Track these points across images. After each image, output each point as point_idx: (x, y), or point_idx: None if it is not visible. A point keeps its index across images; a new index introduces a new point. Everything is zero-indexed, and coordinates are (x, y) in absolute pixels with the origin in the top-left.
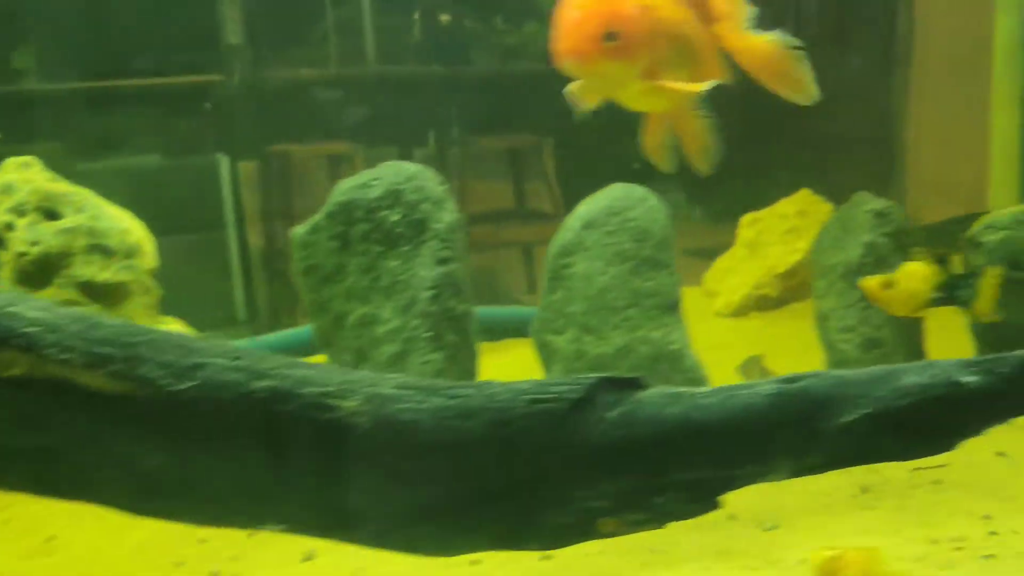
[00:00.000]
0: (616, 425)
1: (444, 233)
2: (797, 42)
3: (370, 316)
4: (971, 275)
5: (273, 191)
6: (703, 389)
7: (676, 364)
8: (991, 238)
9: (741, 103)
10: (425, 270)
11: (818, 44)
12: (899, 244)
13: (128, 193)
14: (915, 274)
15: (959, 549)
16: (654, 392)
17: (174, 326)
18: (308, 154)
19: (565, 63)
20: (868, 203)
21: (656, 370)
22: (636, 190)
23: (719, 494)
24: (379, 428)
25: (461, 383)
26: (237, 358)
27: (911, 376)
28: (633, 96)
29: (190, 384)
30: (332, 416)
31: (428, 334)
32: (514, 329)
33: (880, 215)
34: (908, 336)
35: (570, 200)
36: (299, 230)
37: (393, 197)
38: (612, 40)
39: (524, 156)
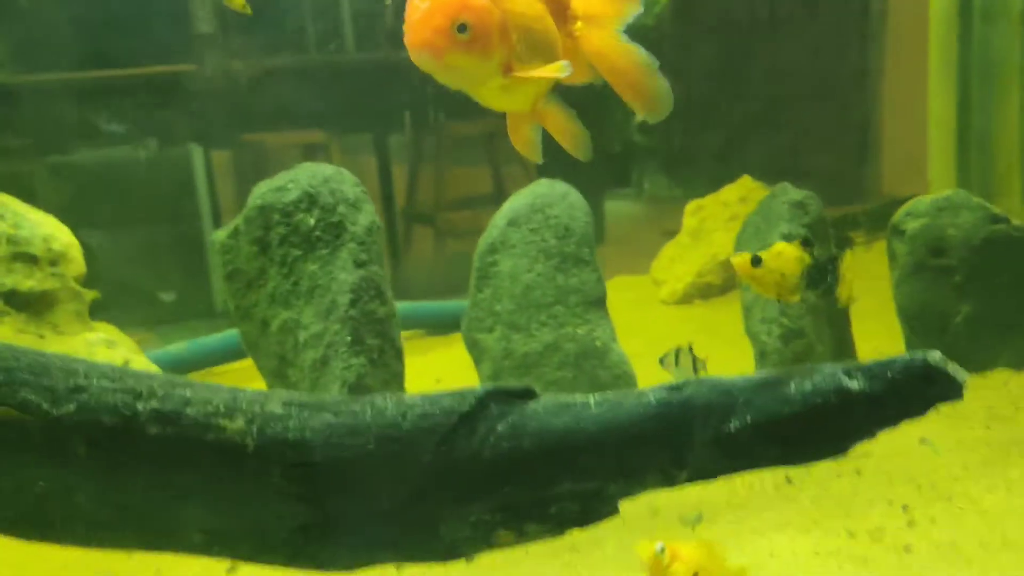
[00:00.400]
0: (505, 438)
1: (362, 236)
2: (655, 60)
3: (292, 321)
4: (835, 259)
5: (247, 182)
6: (594, 397)
7: (602, 360)
8: (912, 225)
9: (716, 85)
10: (344, 273)
11: (792, 21)
12: (835, 229)
13: (102, 184)
14: (783, 255)
15: (877, 541)
16: (543, 402)
17: (105, 333)
18: (282, 143)
19: (416, 57)
20: (787, 193)
21: (583, 366)
22: (558, 186)
23: (611, 502)
24: (266, 447)
25: (351, 398)
26: (119, 379)
27: (796, 383)
28: (491, 94)
29: (70, 408)
30: (218, 437)
31: (348, 339)
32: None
33: (798, 206)
34: (832, 325)
35: None
36: (219, 234)
37: (309, 200)
38: (464, 33)
39: (500, 141)
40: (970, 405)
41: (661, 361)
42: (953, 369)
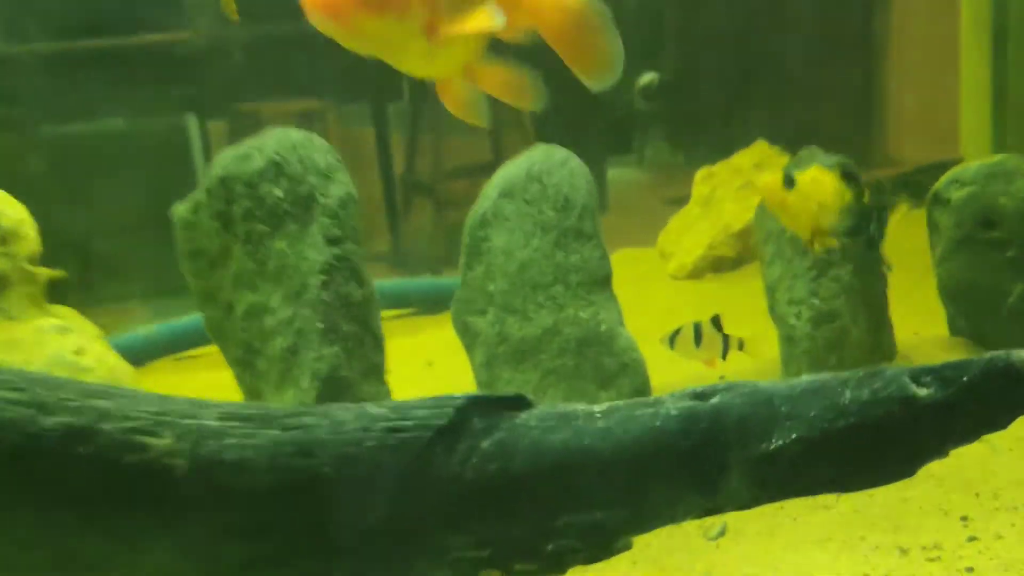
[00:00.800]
0: (491, 457)
1: (334, 209)
2: (607, 12)
3: (258, 306)
4: (883, 208)
5: None
6: (598, 408)
7: (608, 346)
8: (958, 194)
9: (720, 47)
10: (314, 252)
11: None
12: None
13: (96, 157)
14: (820, 182)
15: (934, 560)
16: (538, 413)
17: (62, 318)
18: (278, 112)
19: (316, 21)
20: (815, 159)
21: (586, 353)
22: (557, 152)
23: (620, 538)
24: (199, 470)
25: (303, 409)
26: (21, 390)
27: (851, 389)
28: (413, 60)
29: None
30: (142, 457)
31: (320, 326)
32: None
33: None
34: (868, 307)
35: None
36: (179, 208)
37: (275, 169)
38: None
39: (500, 107)
40: None
41: (669, 341)
42: None
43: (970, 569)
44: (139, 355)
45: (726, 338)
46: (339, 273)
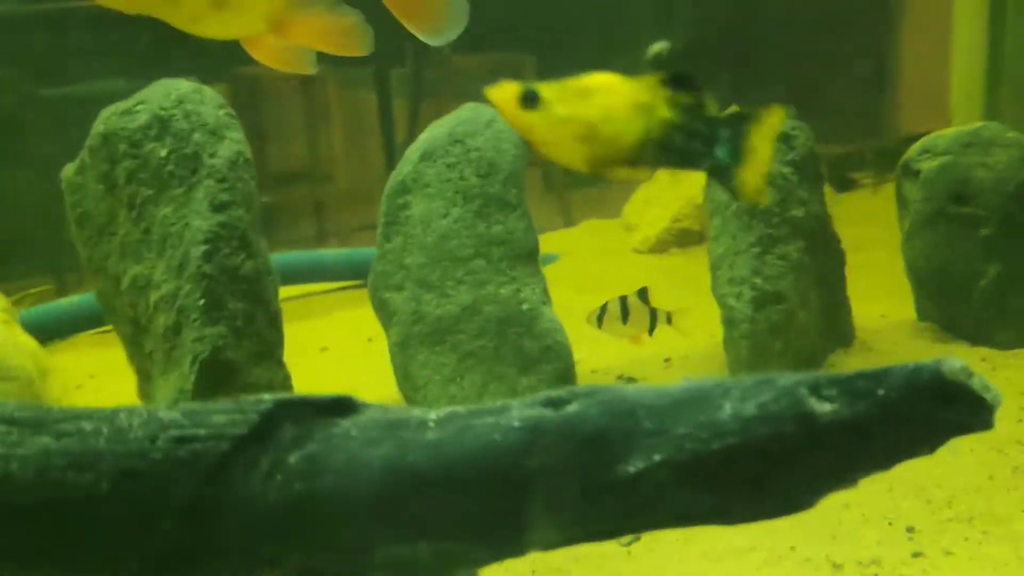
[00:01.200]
0: (298, 475)
1: (222, 171)
2: None
3: (143, 279)
4: (739, 119)
5: (243, 116)
6: (435, 414)
7: (530, 327)
8: (929, 165)
9: (733, 16)
10: (198, 219)
11: None
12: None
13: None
14: (604, 87)
15: None
16: (363, 421)
17: None
18: (276, 76)
19: None
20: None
21: (506, 334)
22: (484, 111)
23: (453, 574)
24: None
25: (83, 411)
26: None
27: (733, 402)
28: (200, 18)
29: None
30: None
31: (202, 302)
32: None
33: (783, 139)
34: (821, 288)
35: None
36: (68, 170)
37: (160, 126)
38: None
39: (505, 76)
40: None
41: (596, 318)
42: (980, 386)
43: None
44: (59, 329)
45: (654, 312)
46: (226, 243)
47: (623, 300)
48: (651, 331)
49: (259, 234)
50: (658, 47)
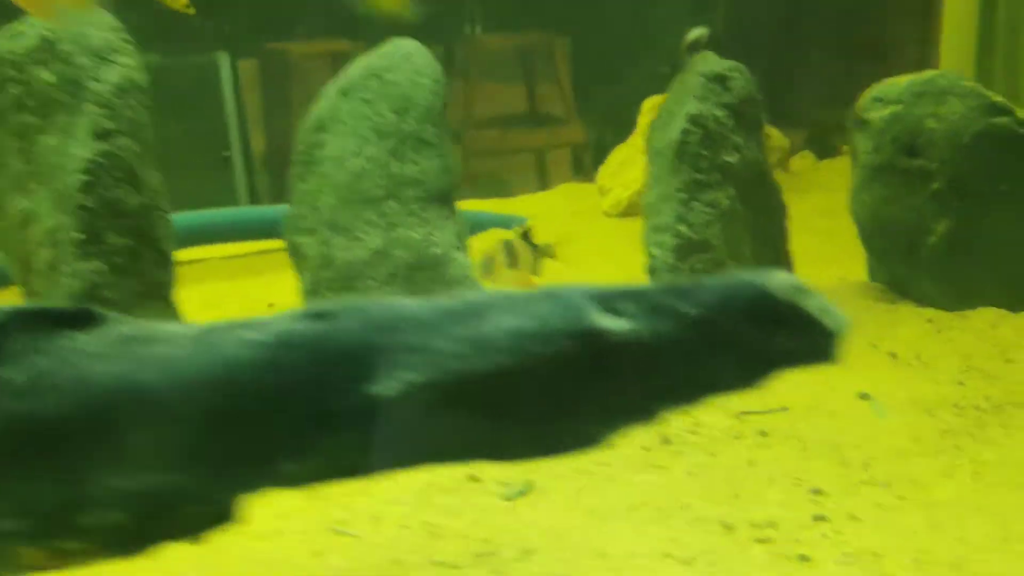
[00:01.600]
0: (19, 393)
1: (107, 97)
2: None
3: (29, 212)
4: None
5: (272, 92)
6: (198, 327)
7: (440, 272)
8: (878, 114)
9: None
10: (79, 147)
11: None
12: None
13: None
14: None
15: (763, 542)
16: (103, 334)
17: None
18: (306, 52)
19: None
20: (706, 63)
21: (416, 279)
22: (405, 44)
23: (191, 507)
24: None
25: None
26: None
27: (508, 315)
28: None
29: None
30: None
31: (79, 236)
32: None
33: (717, 80)
34: (756, 239)
35: (585, 106)
36: None
37: (47, 49)
38: None
39: (536, 56)
40: (940, 350)
41: (483, 267)
42: (817, 307)
43: (804, 557)
44: None
45: (536, 249)
46: (107, 173)
47: (508, 244)
48: (537, 271)
49: (152, 167)
50: (696, 33)
